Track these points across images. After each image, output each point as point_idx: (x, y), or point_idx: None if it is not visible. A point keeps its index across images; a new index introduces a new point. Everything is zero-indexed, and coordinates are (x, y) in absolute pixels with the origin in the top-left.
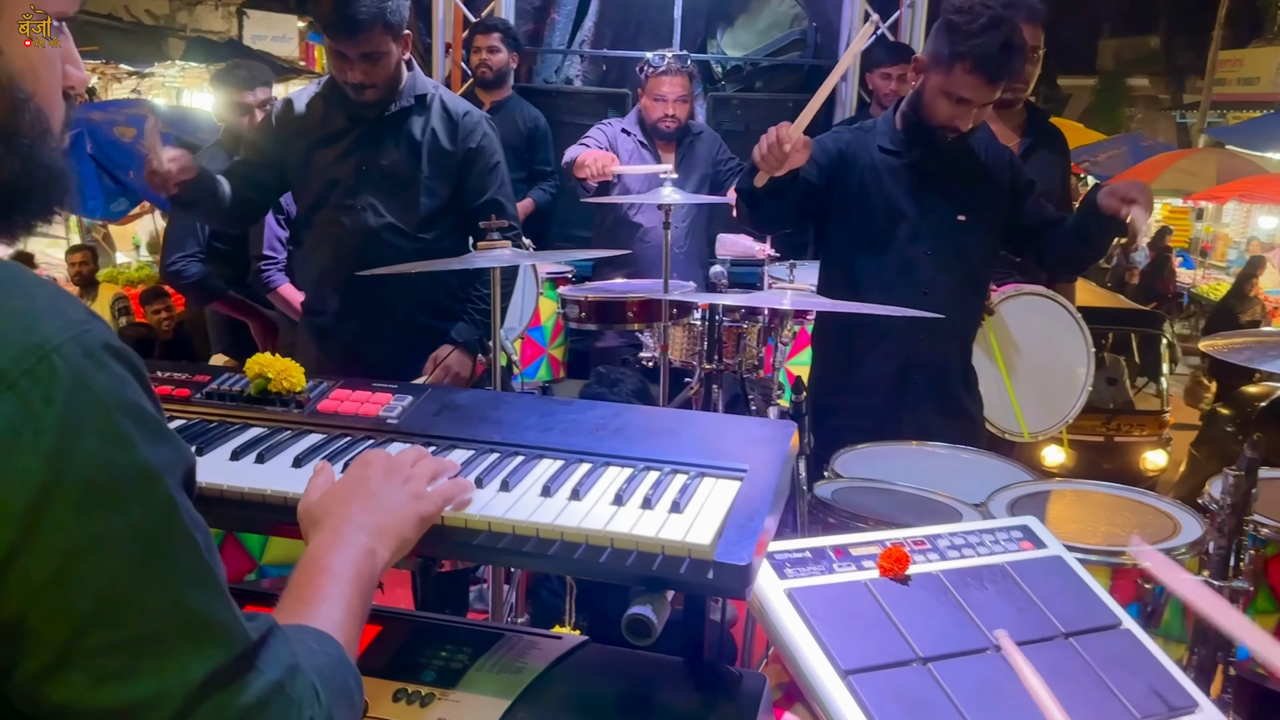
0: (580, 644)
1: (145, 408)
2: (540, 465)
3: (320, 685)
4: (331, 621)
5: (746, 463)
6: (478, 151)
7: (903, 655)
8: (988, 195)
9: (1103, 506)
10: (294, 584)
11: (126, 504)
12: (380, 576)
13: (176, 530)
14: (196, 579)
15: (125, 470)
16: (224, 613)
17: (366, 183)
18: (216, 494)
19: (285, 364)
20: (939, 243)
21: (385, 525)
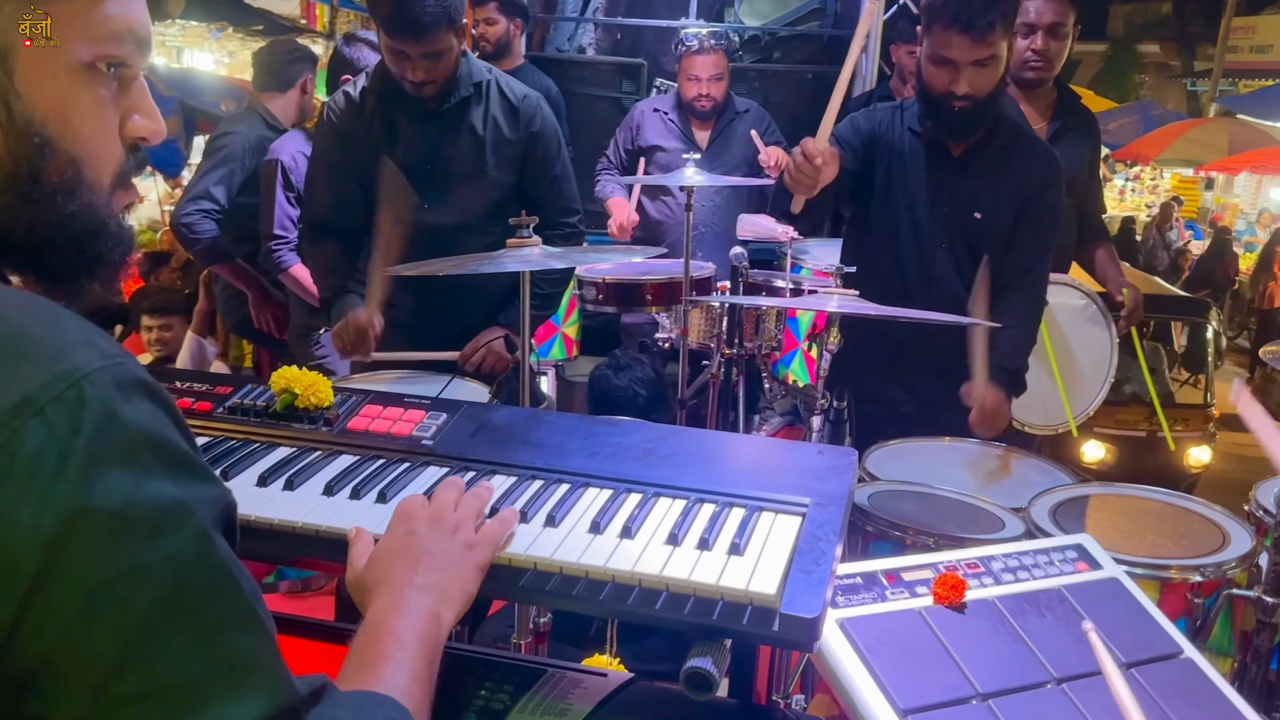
0: (626, 682)
1: (179, 444)
2: (587, 496)
3: None
4: (396, 686)
5: (808, 495)
6: (539, 136)
7: (962, 692)
8: (1009, 191)
9: (1147, 513)
10: (356, 649)
11: (156, 536)
12: (445, 638)
13: (212, 566)
14: (236, 620)
15: (155, 502)
16: (269, 659)
17: (431, 180)
18: (244, 524)
19: (313, 378)
20: (953, 237)
21: (446, 585)
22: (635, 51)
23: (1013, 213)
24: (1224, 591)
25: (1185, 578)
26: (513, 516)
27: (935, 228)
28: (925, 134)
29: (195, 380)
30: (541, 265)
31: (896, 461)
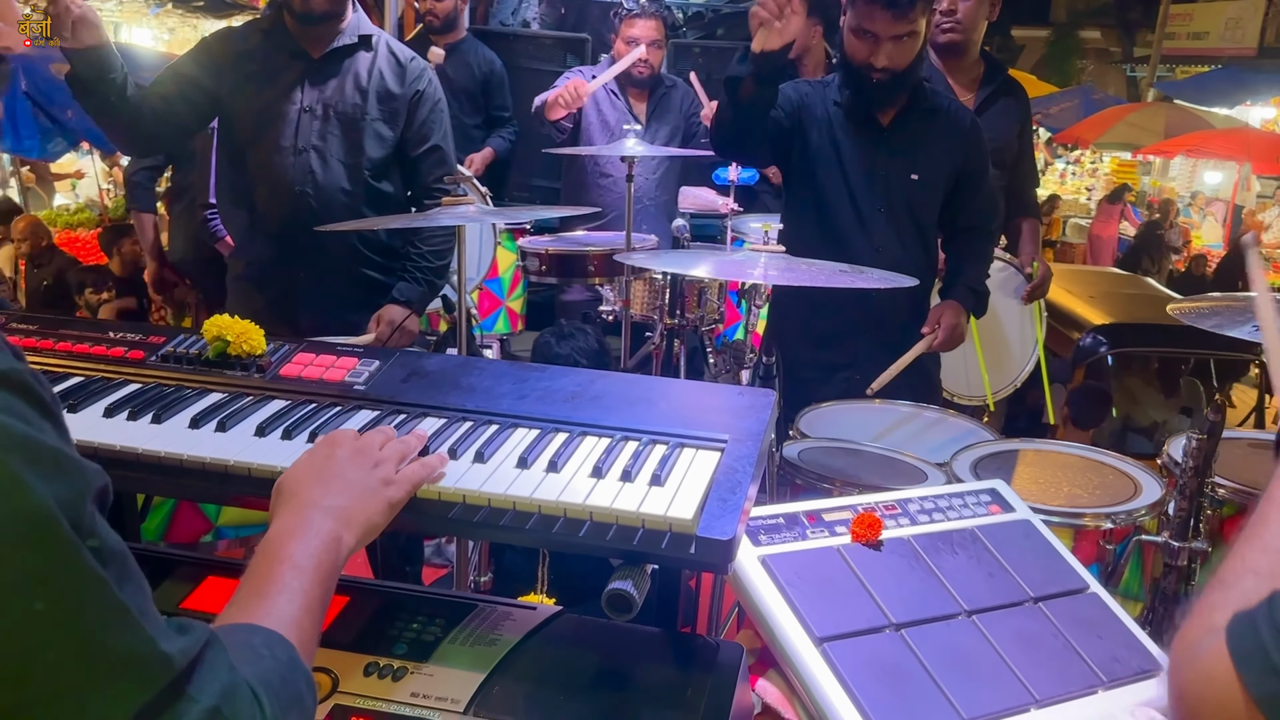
0: (555, 614)
1: (37, 439)
2: (515, 435)
3: (266, 696)
4: (286, 618)
5: (727, 433)
6: (424, 96)
7: (876, 622)
8: (941, 157)
9: (1065, 467)
10: (252, 571)
11: (16, 553)
12: (344, 563)
13: (78, 574)
14: (106, 620)
15: (11, 518)
16: (144, 647)
17: (309, 123)
18: (176, 463)
19: (245, 326)
20: (891, 200)
21: (353, 511)
22: (580, 26)
23: (948, 172)
24: (1134, 538)
25: (1097, 524)
26: (438, 462)
27: (873, 194)
28: (845, 104)
29: (129, 331)
30: (468, 222)
31: (828, 422)
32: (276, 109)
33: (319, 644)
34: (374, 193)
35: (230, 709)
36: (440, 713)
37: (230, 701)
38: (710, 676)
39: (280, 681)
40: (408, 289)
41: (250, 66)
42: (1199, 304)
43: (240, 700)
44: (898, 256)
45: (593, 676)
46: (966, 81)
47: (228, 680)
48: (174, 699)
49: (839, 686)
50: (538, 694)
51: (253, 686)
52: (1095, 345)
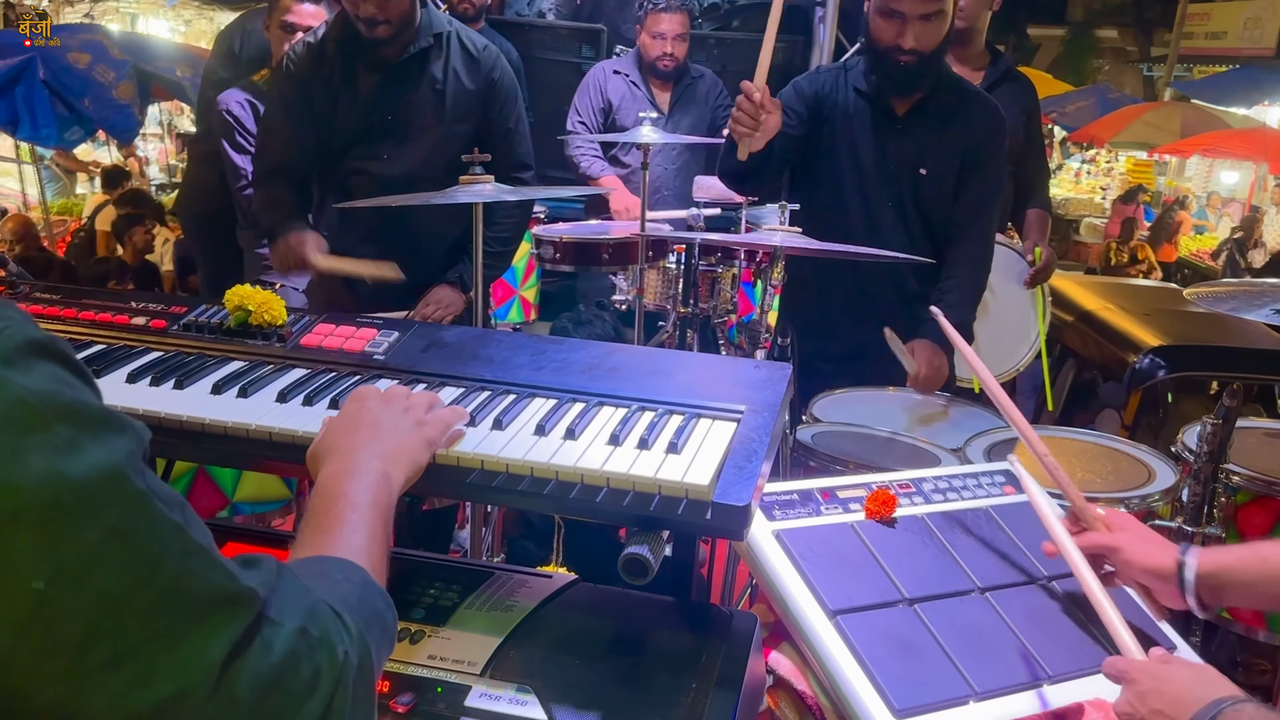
0: (570, 583)
1: (86, 401)
2: (533, 404)
3: (347, 614)
4: (353, 548)
5: (743, 404)
6: (498, 86)
7: (889, 596)
8: (952, 146)
9: (1079, 454)
10: (311, 513)
11: (96, 513)
12: (396, 500)
13: (154, 521)
14: (187, 563)
15: (84, 478)
16: (225, 581)
17: (389, 132)
18: (198, 428)
19: (266, 296)
20: (900, 194)
21: (396, 450)
22: (595, 17)
23: (956, 168)
24: (1147, 523)
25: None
26: (463, 412)
27: (881, 187)
28: (870, 90)
29: (151, 300)
30: (488, 199)
31: (842, 408)
32: (359, 120)
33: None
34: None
35: (317, 627)
36: (457, 674)
37: (315, 620)
38: (724, 644)
39: (359, 600)
40: (463, 268)
41: (331, 82)
42: (1216, 289)
43: (324, 618)
44: (904, 245)
45: (607, 642)
46: (970, 70)
47: (307, 602)
48: (260, 626)
49: (852, 658)
50: (552, 658)
51: (332, 606)
52: (1153, 368)
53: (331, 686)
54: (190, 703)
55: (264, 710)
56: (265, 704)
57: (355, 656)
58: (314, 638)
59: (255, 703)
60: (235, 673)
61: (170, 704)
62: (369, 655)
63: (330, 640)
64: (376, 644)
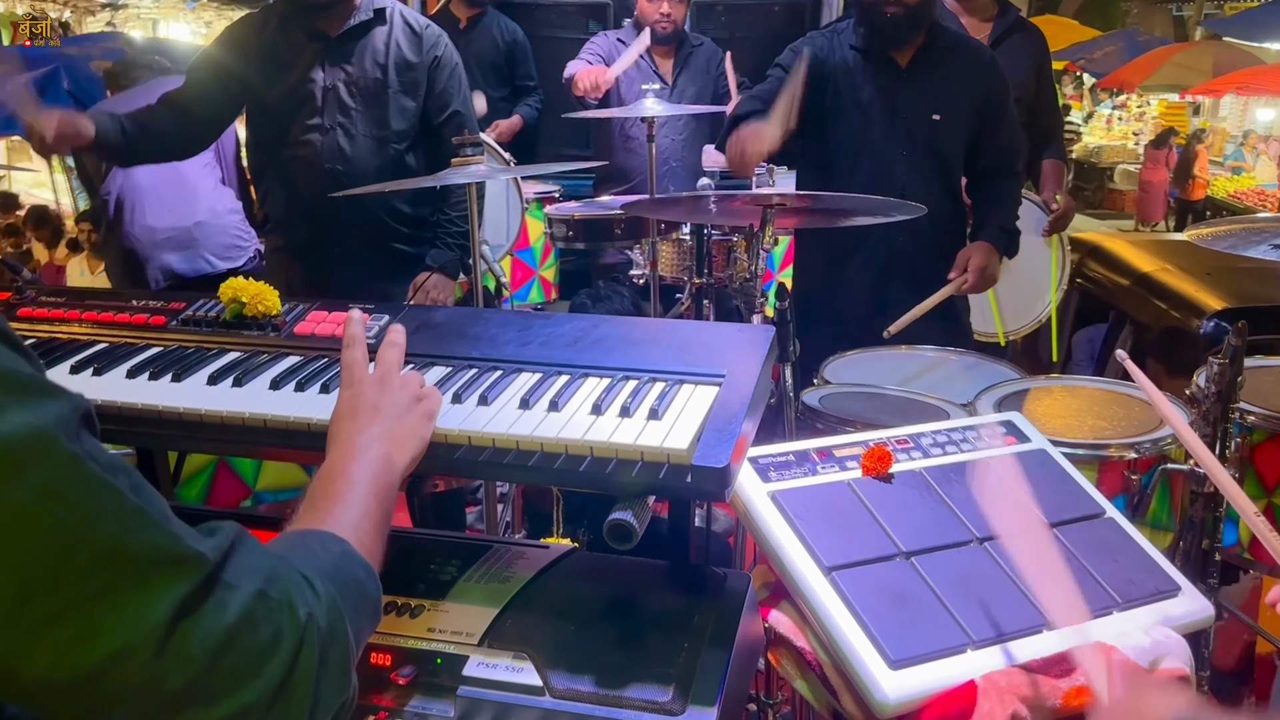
0: (567, 552)
1: (13, 369)
2: (519, 379)
3: (317, 579)
4: (343, 523)
5: (724, 368)
6: (441, 62)
7: (885, 550)
8: (962, 95)
9: (1090, 401)
10: (310, 493)
11: (21, 472)
12: (400, 481)
13: (87, 482)
14: (127, 523)
15: (10, 438)
16: (170, 544)
17: (334, 101)
18: (195, 418)
19: (259, 288)
20: (914, 142)
21: (397, 430)
22: None
23: (970, 115)
24: (1160, 466)
25: (1121, 455)
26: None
27: (894, 137)
28: (864, 44)
29: (152, 298)
30: (482, 179)
31: (853, 369)
32: (301, 90)
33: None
34: (401, 166)
35: (277, 590)
36: (455, 644)
37: (275, 584)
38: (717, 604)
39: (333, 568)
40: (439, 255)
41: (273, 51)
42: (1215, 229)
43: (287, 581)
44: (922, 201)
45: (602, 608)
46: (978, 22)
47: (267, 566)
48: (212, 588)
49: (847, 613)
50: (548, 625)
51: (301, 571)
52: (1219, 333)
53: (294, 646)
54: (137, 660)
55: (219, 669)
56: (220, 664)
57: (325, 620)
58: (273, 599)
59: (209, 662)
60: (184, 632)
61: (115, 660)
62: (341, 620)
63: (293, 602)
64: (353, 610)
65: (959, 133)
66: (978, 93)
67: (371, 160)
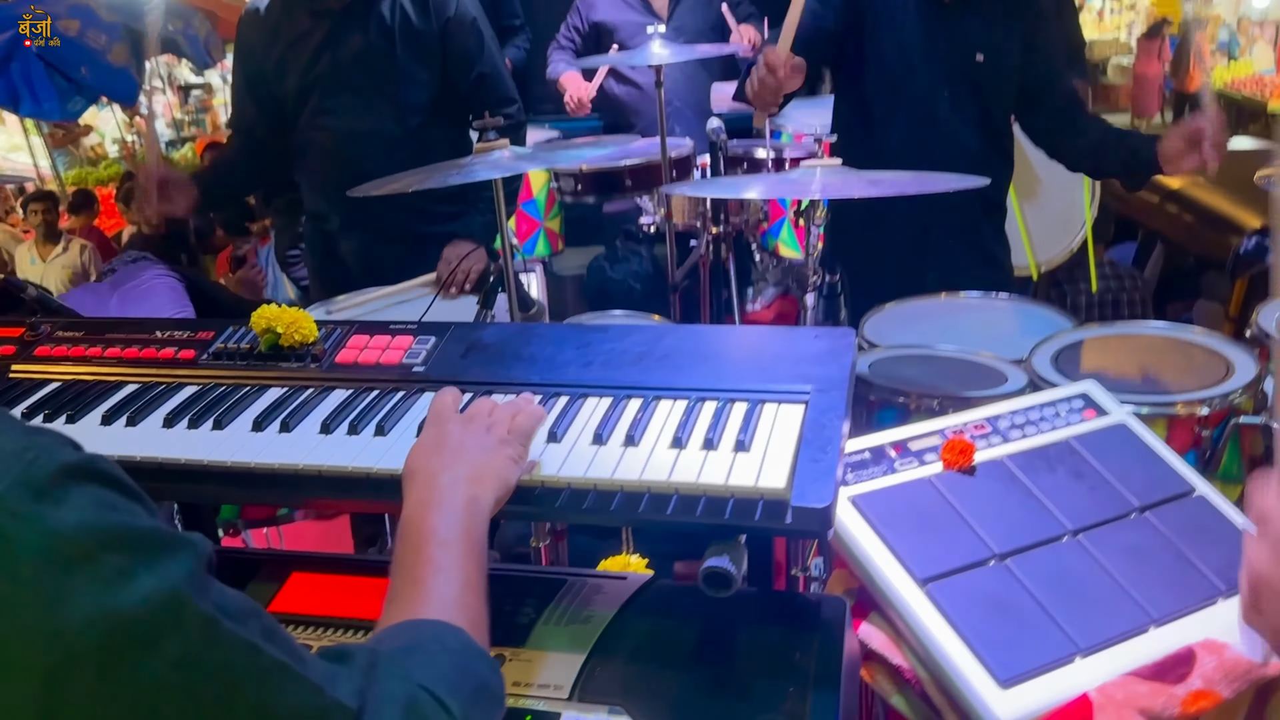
0: (646, 583)
1: (135, 524)
2: (586, 406)
3: (448, 696)
4: (447, 600)
5: (809, 382)
6: (456, 22)
7: (978, 554)
8: (1007, 35)
9: (1150, 349)
10: (400, 558)
11: (158, 644)
12: (488, 522)
13: (224, 645)
14: (269, 683)
15: (141, 608)
16: (315, 699)
17: (341, 81)
18: (244, 471)
19: (294, 315)
20: (956, 85)
21: (481, 469)
22: None
23: (1017, 48)
24: (1231, 420)
25: (1192, 411)
26: (541, 411)
27: (934, 77)
28: None
29: (176, 329)
30: (513, 169)
31: (894, 323)
32: (312, 72)
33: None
34: (425, 137)
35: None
36: (545, 700)
37: (415, 716)
38: (816, 637)
39: (459, 675)
40: (469, 223)
41: (281, 38)
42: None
43: (424, 710)
44: (966, 144)
45: (694, 647)
46: None
47: (405, 696)
48: None
49: (948, 628)
50: (639, 672)
51: (432, 690)
52: (1260, 251)
53: None
54: None
55: None
56: None
57: None
58: None
59: None
60: None
61: None
62: None
63: None
64: (484, 717)
65: (1005, 74)
66: (1030, 12)
67: (389, 137)
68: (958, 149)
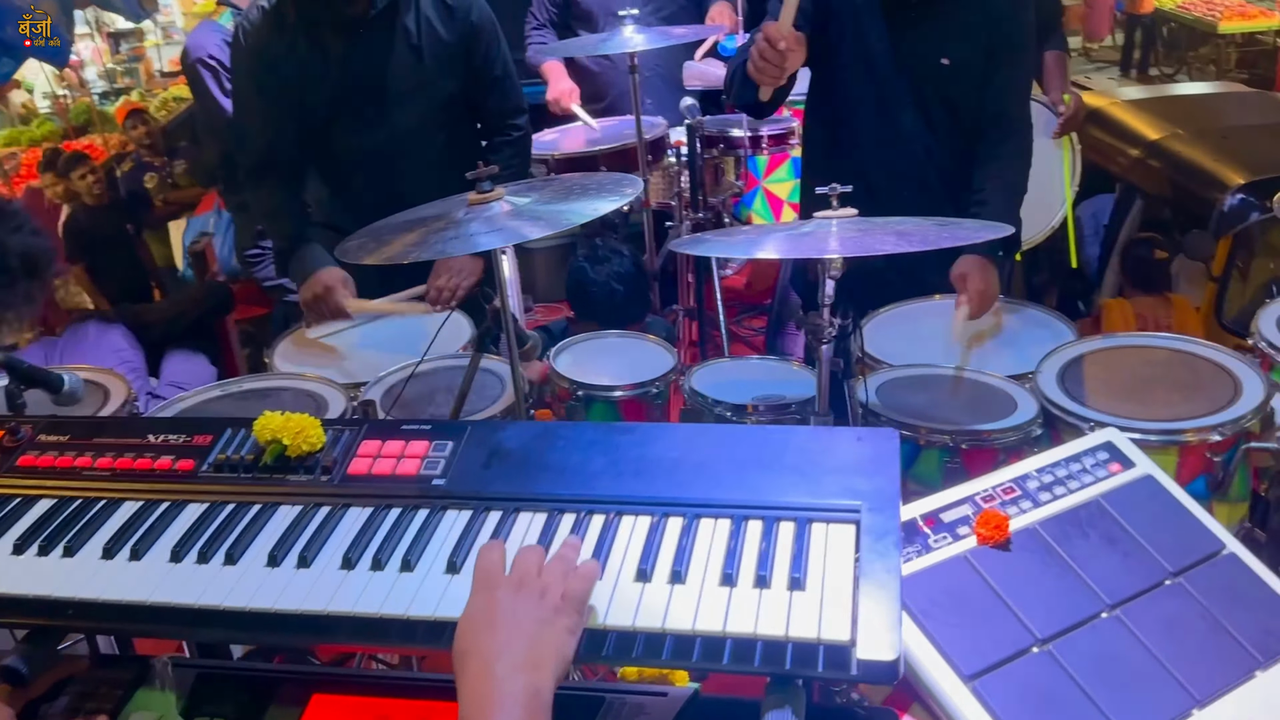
0: (690, 699)
1: None
2: (624, 529)
3: None
4: None
5: (857, 497)
6: (478, 31)
7: (1021, 642)
8: (976, 35)
9: (1153, 364)
10: None
11: None
12: (550, 709)
13: None
14: None
15: None
16: None
17: (368, 97)
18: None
19: (300, 423)
20: (920, 87)
21: (539, 652)
22: None
23: (983, 52)
24: (1242, 445)
25: (1203, 439)
26: (594, 567)
27: (899, 83)
28: None
29: (169, 431)
30: (514, 239)
31: (892, 332)
32: (337, 88)
33: None
34: (450, 146)
35: None
36: None
37: None
38: None
39: None
40: None
41: (297, 48)
42: None
43: None
44: (929, 145)
45: None
46: None
47: None
48: None
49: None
50: None
51: None
52: (1245, 209)
53: None
54: None
55: None
56: None
57: None
58: None
59: None
60: None
61: None
62: None
63: None
64: None
65: (971, 76)
66: (996, 13)
67: (420, 144)
68: (920, 149)
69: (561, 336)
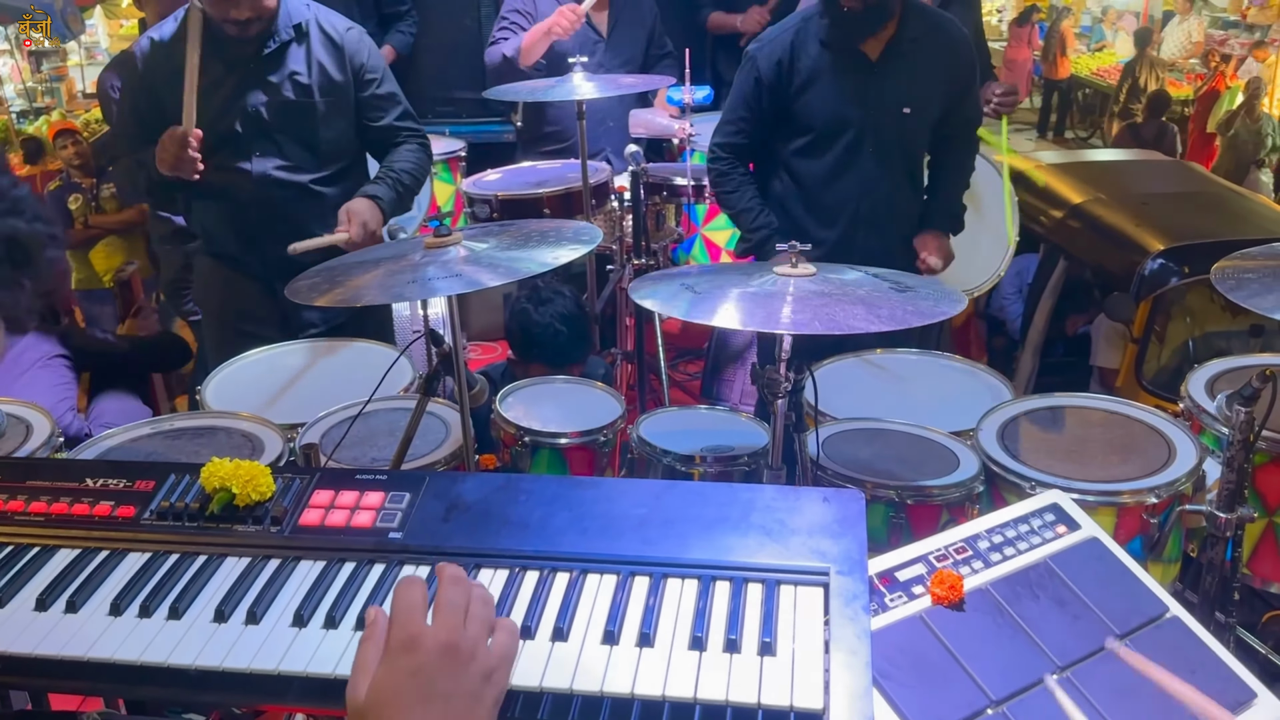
0: None
1: None
2: (588, 588)
3: None
4: None
5: (825, 561)
6: (367, 68)
7: (976, 704)
8: (935, 84)
9: (1090, 425)
10: None
11: None
12: None
13: None
14: None
15: None
16: None
17: (261, 130)
18: (209, 673)
19: (251, 471)
20: (882, 137)
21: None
22: None
23: (940, 101)
24: (1176, 508)
25: (1140, 500)
26: (515, 626)
27: (863, 134)
28: (832, 41)
29: (110, 475)
30: (471, 286)
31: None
32: (223, 122)
33: None
34: (336, 180)
35: None
36: None
37: None
38: None
39: None
40: (375, 187)
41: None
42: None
43: None
44: (885, 193)
45: None
46: None
47: None
48: None
49: None
50: None
51: None
52: (1165, 274)
53: None
54: None
55: None
56: None
57: None
58: None
59: None
60: None
61: None
62: None
63: None
64: None
65: (927, 124)
66: (950, 77)
67: (303, 176)
68: (877, 197)
69: (503, 380)
